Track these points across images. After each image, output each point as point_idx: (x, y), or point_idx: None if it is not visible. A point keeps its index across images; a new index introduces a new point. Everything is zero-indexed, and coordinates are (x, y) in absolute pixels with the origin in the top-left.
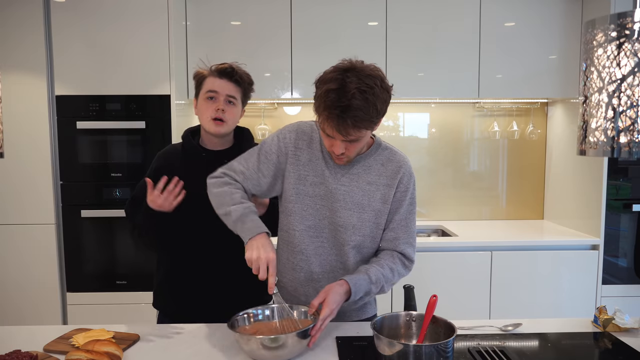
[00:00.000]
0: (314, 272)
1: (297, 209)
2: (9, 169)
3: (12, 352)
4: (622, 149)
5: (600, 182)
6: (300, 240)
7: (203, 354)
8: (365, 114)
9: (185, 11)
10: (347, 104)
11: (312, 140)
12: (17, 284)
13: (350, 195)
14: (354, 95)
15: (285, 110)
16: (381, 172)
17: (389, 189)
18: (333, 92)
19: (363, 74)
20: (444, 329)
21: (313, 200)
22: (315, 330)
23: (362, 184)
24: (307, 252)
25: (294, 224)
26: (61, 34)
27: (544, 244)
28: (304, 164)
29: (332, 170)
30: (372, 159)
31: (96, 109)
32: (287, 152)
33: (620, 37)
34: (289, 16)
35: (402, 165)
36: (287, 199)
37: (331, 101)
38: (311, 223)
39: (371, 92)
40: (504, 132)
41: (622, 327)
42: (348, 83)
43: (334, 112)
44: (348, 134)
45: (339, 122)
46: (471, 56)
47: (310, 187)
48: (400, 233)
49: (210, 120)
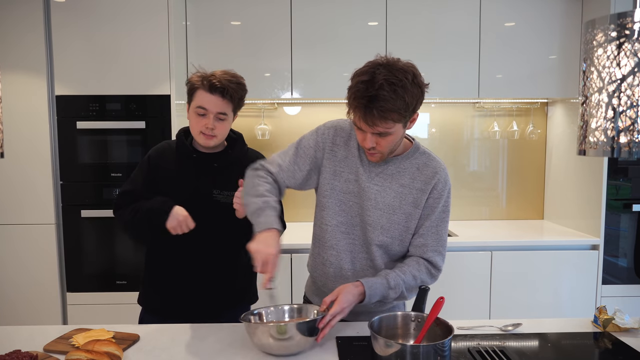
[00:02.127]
0: (344, 268)
1: (330, 203)
2: (9, 169)
3: (12, 352)
4: (622, 149)
5: (600, 182)
6: (332, 235)
7: (203, 354)
8: (392, 105)
9: (185, 11)
10: (374, 94)
11: (350, 138)
12: (17, 284)
13: (382, 195)
14: (382, 86)
15: (285, 110)
16: (416, 175)
17: (421, 194)
18: (362, 83)
19: (394, 68)
20: (442, 329)
21: (346, 196)
22: (322, 323)
23: (394, 186)
24: (338, 248)
25: (326, 218)
26: (61, 34)
27: (544, 244)
28: (340, 160)
29: (367, 169)
30: (408, 162)
31: (96, 109)
32: (324, 147)
33: (620, 37)
34: (289, 16)
35: (438, 172)
36: (322, 193)
37: (360, 91)
38: (343, 219)
39: (400, 84)
40: (504, 132)
41: (622, 327)
42: (377, 74)
43: (361, 102)
44: (375, 125)
45: (365, 112)
46: (471, 56)
47: (344, 184)
48: (430, 240)
49: (200, 134)
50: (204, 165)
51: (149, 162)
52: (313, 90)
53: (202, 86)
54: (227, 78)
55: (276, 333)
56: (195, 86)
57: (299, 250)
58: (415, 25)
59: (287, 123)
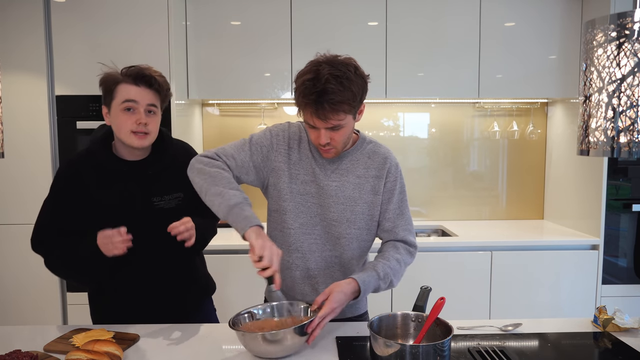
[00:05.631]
0: (310, 268)
1: (291, 207)
2: (9, 168)
3: (12, 352)
4: (622, 149)
5: (600, 182)
6: (296, 238)
7: (202, 354)
8: (340, 97)
9: (185, 11)
10: (322, 89)
11: (301, 140)
12: (17, 284)
13: (342, 190)
14: (328, 80)
15: (285, 110)
16: (368, 164)
17: (378, 180)
18: (309, 80)
19: (336, 62)
20: (442, 328)
21: (304, 198)
22: (311, 327)
23: (351, 178)
24: (303, 249)
25: (288, 222)
26: (61, 34)
27: (544, 244)
28: (294, 163)
29: (322, 168)
30: (358, 153)
31: (96, 109)
32: (278, 149)
33: (620, 37)
34: (289, 16)
35: (387, 157)
36: (281, 197)
37: (307, 89)
38: (304, 220)
39: (344, 76)
40: (504, 132)
41: (622, 327)
42: (321, 70)
43: (310, 98)
44: (327, 118)
45: (317, 107)
46: (471, 56)
47: (301, 186)
48: (398, 221)
49: (131, 134)
50: (136, 175)
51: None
52: None
53: (125, 79)
54: (150, 69)
55: (269, 337)
56: (116, 81)
57: None
58: (416, 26)
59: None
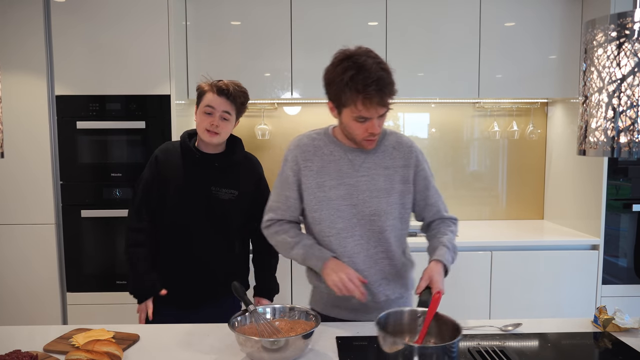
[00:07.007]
0: (359, 270)
1: (324, 216)
2: (9, 169)
3: (12, 352)
4: (622, 149)
5: (600, 182)
6: (338, 244)
7: (203, 354)
8: (392, 82)
9: (185, 11)
10: (378, 77)
11: (317, 148)
12: (17, 284)
13: (373, 183)
14: (377, 69)
15: (285, 110)
16: (394, 155)
17: (406, 170)
18: (357, 75)
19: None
20: (449, 327)
21: (336, 202)
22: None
23: (380, 170)
24: (348, 253)
25: (325, 230)
26: (61, 34)
27: (544, 244)
28: (317, 172)
29: (350, 164)
30: (382, 145)
31: (96, 109)
32: (299, 168)
33: (620, 37)
34: (289, 16)
35: (412, 145)
36: (311, 208)
37: (360, 82)
38: (342, 225)
39: (383, 62)
40: (504, 132)
41: (622, 327)
42: (363, 63)
43: (371, 89)
44: (385, 105)
45: (381, 96)
46: (471, 56)
47: (330, 191)
48: (439, 204)
49: (205, 131)
50: (205, 164)
51: (156, 160)
52: (313, 90)
53: (211, 89)
54: (233, 84)
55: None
56: (204, 90)
57: None
58: (416, 26)
59: (287, 123)
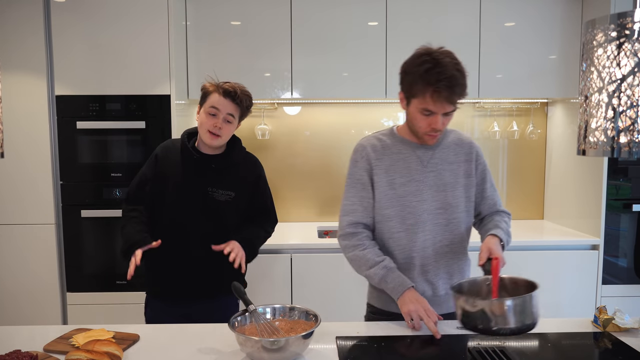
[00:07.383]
0: (425, 264)
1: (395, 212)
2: (9, 169)
3: (12, 352)
4: (622, 149)
5: (600, 182)
6: (408, 239)
7: (203, 354)
8: (464, 83)
9: (185, 11)
10: (451, 75)
11: (384, 146)
12: (17, 284)
13: (440, 178)
14: (452, 67)
15: (285, 110)
16: (457, 150)
17: (468, 164)
18: (432, 69)
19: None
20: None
21: (407, 199)
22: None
23: (445, 165)
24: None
25: (396, 227)
26: (61, 34)
27: (544, 244)
28: (386, 170)
29: (419, 160)
30: (444, 141)
31: (96, 109)
32: (371, 167)
33: (620, 37)
34: (289, 16)
35: (471, 142)
36: (382, 206)
37: (434, 75)
38: (412, 221)
39: (460, 64)
40: (504, 132)
41: (622, 327)
42: (441, 60)
43: (442, 83)
44: (453, 103)
45: (450, 93)
46: (471, 56)
47: (400, 189)
48: (495, 197)
49: (207, 132)
50: (203, 165)
51: (156, 158)
52: (313, 90)
53: (217, 90)
54: (239, 87)
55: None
56: (209, 90)
57: (299, 251)
58: (415, 26)
59: (287, 123)
